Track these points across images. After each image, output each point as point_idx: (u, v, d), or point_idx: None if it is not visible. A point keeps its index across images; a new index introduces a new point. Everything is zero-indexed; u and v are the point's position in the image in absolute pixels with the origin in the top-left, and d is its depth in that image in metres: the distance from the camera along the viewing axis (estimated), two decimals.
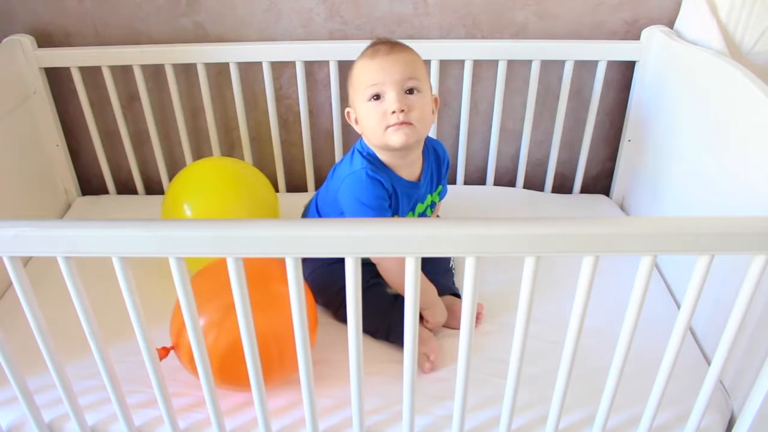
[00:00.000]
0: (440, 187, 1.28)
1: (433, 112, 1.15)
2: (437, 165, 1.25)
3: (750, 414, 0.96)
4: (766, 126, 1.01)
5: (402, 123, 1.07)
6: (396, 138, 1.08)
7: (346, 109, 1.17)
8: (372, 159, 1.14)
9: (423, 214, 1.25)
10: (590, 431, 0.99)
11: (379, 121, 1.09)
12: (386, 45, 1.11)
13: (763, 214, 0.91)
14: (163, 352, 1.01)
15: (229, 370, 0.99)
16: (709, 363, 1.06)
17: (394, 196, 1.15)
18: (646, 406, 0.94)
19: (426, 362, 1.11)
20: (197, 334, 0.87)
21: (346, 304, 0.82)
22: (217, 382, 0.96)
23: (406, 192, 1.17)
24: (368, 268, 1.27)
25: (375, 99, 1.09)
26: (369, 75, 1.09)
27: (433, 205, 1.28)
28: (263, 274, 1.03)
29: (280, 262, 0.84)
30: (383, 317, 1.15)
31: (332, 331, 1.17)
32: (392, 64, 1.08)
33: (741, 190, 1.07)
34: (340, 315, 1.20)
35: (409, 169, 1.18)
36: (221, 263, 0.88)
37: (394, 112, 1.07)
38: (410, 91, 1.09)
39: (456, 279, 1.31)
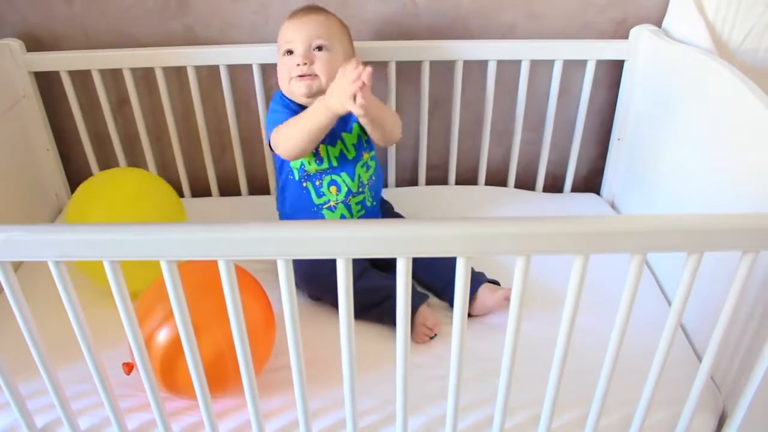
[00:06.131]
0: None
1: None
2: None
3: (741, 411, 0.96)
4: (754, 123, 1.02)
5: (305, 75, 1.20)
6: (297, 88, 1.22)
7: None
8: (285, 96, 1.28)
9: (358, 146, 1.28)
10: (583, 430, 0.99)
11: (287, 73, 1.23)
12: (306, 8, 1.26)
13: (752, 212, 0.92)
14: (129, 368, 1.01)
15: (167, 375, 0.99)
16: (700, 360, 1.07)
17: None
18: (638, 404, 0.95)
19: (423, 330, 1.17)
20: (190, 339, 0.87)
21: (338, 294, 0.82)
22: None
23: None
24: None
25: (288, 54, 1.23)
26: (285, 34, 1.23)
27: (369, 144, 1.30)
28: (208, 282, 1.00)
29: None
30: (377, 303, 1.18)
31: (327, 330, 1.17)
32: (304, 24, 1.22)
33: (730, 188, 1.08)
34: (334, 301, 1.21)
35: None
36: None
37: (298, 64, 1.20)
38: (319, 48, 1.21)
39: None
